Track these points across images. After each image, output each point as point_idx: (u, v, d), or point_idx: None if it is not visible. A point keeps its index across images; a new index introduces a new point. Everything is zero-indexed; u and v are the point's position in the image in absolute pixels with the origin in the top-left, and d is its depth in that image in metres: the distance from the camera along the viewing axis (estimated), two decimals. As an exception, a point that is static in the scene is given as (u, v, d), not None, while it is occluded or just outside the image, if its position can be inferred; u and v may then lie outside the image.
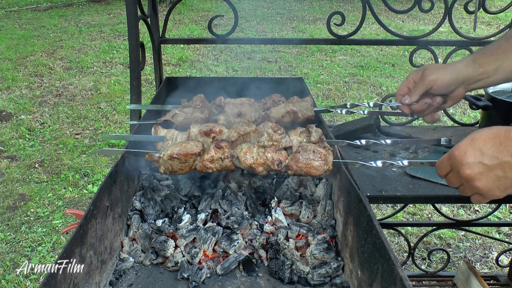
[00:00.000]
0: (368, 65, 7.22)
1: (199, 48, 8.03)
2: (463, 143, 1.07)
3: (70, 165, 4.38)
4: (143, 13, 2.06)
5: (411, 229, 3.40)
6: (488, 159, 1.03)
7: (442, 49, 6.72)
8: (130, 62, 1.96)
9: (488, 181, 1.05)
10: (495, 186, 1.05)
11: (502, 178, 1.03)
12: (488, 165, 1.03)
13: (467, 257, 3.19)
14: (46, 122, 5.36)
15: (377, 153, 2.01)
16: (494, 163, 1.02)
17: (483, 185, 1.06)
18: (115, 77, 6.80)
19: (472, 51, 2.30)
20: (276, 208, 1.49)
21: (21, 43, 8.49)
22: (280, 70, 7.10)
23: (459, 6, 2.22)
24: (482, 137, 1.05)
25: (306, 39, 6.35)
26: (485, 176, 1.04)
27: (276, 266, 1.29)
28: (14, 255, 3.20)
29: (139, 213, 1.47)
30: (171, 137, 1.50)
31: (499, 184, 1.04)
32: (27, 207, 3.74)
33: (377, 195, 1.68)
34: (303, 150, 1.33)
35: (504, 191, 1.06)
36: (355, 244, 1.20)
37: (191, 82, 2.18)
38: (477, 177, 1.05)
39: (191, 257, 1.30)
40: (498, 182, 1.04)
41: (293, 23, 10.03)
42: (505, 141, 1.01)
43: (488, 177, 1.04)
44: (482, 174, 1.04)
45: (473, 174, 1.05)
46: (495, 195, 1.07)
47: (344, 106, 1.67)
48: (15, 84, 6.53)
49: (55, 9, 11.69)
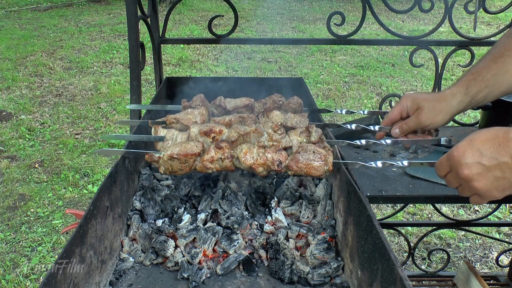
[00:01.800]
0: (368, 65, 7.21)
1: (199, 48, 8.03)
2: (462, 144, 1.08)
3: (70, 165, 4.38)
4: (143, 13, 2.06)
5: (411, 229, 3.40)
6: (487, 160, 1.03)
7: (442, 49, 6.72)
8: (130, 62, 1.96)
9: (487, 181, 1.05)
10: (494, 187, 1.05)
11: (500, 178, 1.03)
12: (487, 166, 1.03)
13: (467, 257, 3.19)
14: (46, 122, 5.36)
15: (377, 153, 2.01)
16: (492, 164, 1.03)
17: (482, 186, 1.06)
18: (115, 77, 6.80)
19: (472, 51, 2.31)
20: (276, 208, 1.49)
21: (21, 43, 8.49)
22: (280, 70, 7.10)
23: (459, 6, 2.22)
24: (481, 137, 1.05)
25: (306, 39, 6.35)
26: (484, 176, 1.05)
27: (276, 266, 1.29)
28: (14, 255, 3.20)
29: (139, 213, 1.47)
30: (171, 137, 1.50)
31: (497, 185, 1.05)
32: (27, 207, 3.74)
33: (377, 195, 1.67)
34: (303, 151, 1.33)
35: (503, 192, 1.06)
36: (355, 244, 1.20)
37: (191, 82, 2.18)
38: (476, 178, 1.05)
39: (191, 257, 1.30)
40: (496, 183, 1.04)
41: (293, 23, 10.02)
42: (504, 142, 1.02)
43: (487, 177, 1.04)
44: (480, 175, 1.05)
45: (471, 174, 1.06)
46: (494, 195, 1.07)
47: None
48: (15, 84, 6.53)
49: (55, 9, 11.68)
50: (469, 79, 1.38)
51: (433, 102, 1.39)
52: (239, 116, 1.57)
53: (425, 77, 6.64)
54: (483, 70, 1.37)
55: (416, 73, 6.78)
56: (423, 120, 1.38)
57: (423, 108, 1.38)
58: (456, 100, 1.37)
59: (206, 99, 1.75)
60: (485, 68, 1.37)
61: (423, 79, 6.60)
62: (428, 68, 6.86)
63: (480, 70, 1.38)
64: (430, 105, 1.38)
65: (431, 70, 6.75)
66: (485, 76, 1.35)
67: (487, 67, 1.37)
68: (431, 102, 1.39)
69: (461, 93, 1.37)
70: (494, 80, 1.34)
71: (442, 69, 2.31)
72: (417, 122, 1.40)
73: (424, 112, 1.38)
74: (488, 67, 1.36)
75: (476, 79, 1.37)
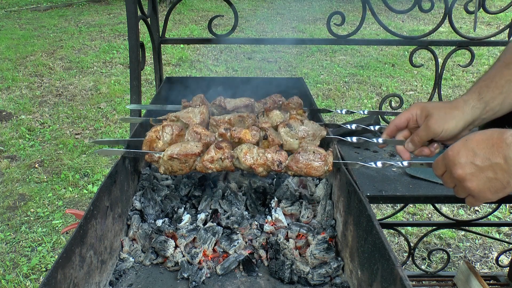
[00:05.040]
0: (368, 65, 7.21)
1: (199, 48, 8.04)
2: (457, 144, 1.08)
3: (70, 165, 4.38)
4: (143, 13, 2.06)
5: (411, 229, 3.40)
6: (480, 160, 1.03)
7: (442, 49, 6.72)
8: (130, 62, 1.96)
9: (479, 182, 1.05)
10: (486, 188, 1.05)
11: (493, 180, 1.03)
12: (480, 166, 1.03)
13: (467, 257, 3.19)
14: (46, 122, 5.36)
15: (377, 153, 2.01)
16: (485, 164, 1.03)
17: (474, 186, 1.06)
18: (115, 77, 6.80)
19: (472, 51, 2.31)
20: (276, 208, 1.49)
21: (21, 43, 8.49)
22: (280, 70, 7.10)
23: (459, 6, 2.22)
24: (476, 138, 1.06)
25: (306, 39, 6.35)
26: (476, 177, 1.05)
27: (276, 266, 1.29)
28: (14, 255, 3.20)
29: (139, 213, 1.47)
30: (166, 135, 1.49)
31: (490, 186, 1.05)
32: (27, 207, 3.74)
33: (377, 195, 1.67)
34: (303, 151, 1.33)
35: (496, 194, 1.05)
36: (355, 244, 1.20)
37: (191, 82, 2.18)
38: (468, 178, 1.05)
39: (191, 257, 1.30)
40: (489, 184, 1.04)
41: (293, 23, 10.02)
42: (497, 143, 1.02)
43: (479, 178, 1.04)
44: (473, 175, 1.05)
45: (464, 174, 1.06)
46: (487, 197, 1.07)
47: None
48: (15, 84, 6.53)
49: (55, 9, 11.69)
50: (481, 85, 1.31)
51: (444, 109, 1.30)
52: (238, 115, 1.57)
53: (425, 77, 6.64)
54: (496, 76, 1.30)
55: (416, 73, 6.78)
56: (433, 127, 1.28)
57: (432, 115, 1.29)
58: (469, 106, 1.28)
59: (206, 99, 1.75)
60: (497, 74, 1.30)
61: (423, 79, 6.60)
62: (428, 68, 6.86)
63: (492, 76, 1.31)
64: (441, 111, 1.29)
65: (431, 70, 6.75)
66: (498, 82, 1.28)
67: (499, 73, 1.30)
68: (442, 109, 1.30)
69: (474, 99, 1.29)
70: (508, 86, 1.27)
71: (442, 69, 2.31)
72: (427, 131, 1.30)
73: (433, 118, 1.28)
74: (501, 73, 1.30)
75: (488, 85, 1.30)
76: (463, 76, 6.70)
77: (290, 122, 1.49)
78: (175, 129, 1.46)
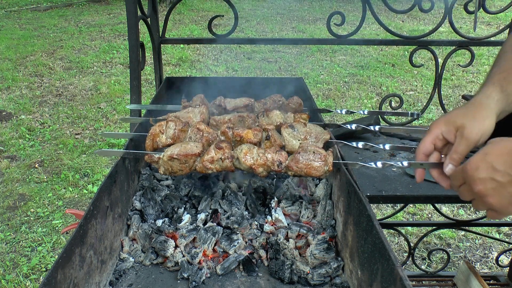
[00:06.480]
0: (368, 65, 7.21)
1: (199, 48, 8.03)
2: (475, 158, 1.03)
3: (70, 165, 4.38)
4: (143, 13, 2.06)
5: (411, 229, 3.40)
6: (500, 176, 0.99)
7: (442, 49, 6.71)
8: (130, 62, 1.97)
9: (501, 197, 1.01)
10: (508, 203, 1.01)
11: None
12: (501, 182, 0.99)
13: (467, 257, 3.19)
14: (46, 122, 5.36)
15: (377, 153, 2.01)
16: (506, 180, 0.99)
17: (496, 202, 1.02)
18: (115, 77, 6.80)
19: (472, 51, 2.31)
20: (276, 208, 1.49)
21: (21, 43, 8.49)
22: (280, 70, 7.10)
23: (459, 6, 2.22)
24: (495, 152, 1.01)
25: (306, 39, 6.35)
26: (498, 192, 1.01)
27: (276, 266, 1.29)
28: (14, 255, 3.20)
29: (139, 213, 1.47)
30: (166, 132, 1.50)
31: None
32: (27, 207, 3.74)
33: (377, 195, 1.68)
34: (303, 151, 1.33)
35: None
36: (355, 244, 1.20)
37: (191, 82, 2.18)
38: (490, 193, 1.01)
39: (191, 257, 1.30)
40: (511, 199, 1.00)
41: (293, 23, 10.02)
42: None
43: (501, 193, 1.00)
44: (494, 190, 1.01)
45: (484, 190, 1.02)
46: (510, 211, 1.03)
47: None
48: (15, 84, 6.53)
49: (55, 9, 11.68)
50: (499, 78, 1.20)
51: (471, 113, 1.16)
52: (238, 115, 1.57)
53: (425, 77, 6.64)
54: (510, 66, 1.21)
55: (416, 73, 6.78)
56: (471, 136, 1.13)
57: (464, 124, 1.14)
58: (494, 100, 1.17)
59: (206, 99, 1.75)
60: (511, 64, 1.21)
61: (423, 79, 6.60)
62: (428, 68, 6.86)
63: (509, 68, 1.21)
64: (469, 117, 1.15)
65: (431, 70, 6.75)
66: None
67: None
68: (469, 114, 1.16)
69: (497, 91, 1.18)
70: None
71: (442, 69, 2.31)
72: (467, 142, 1.14)
73: (467, 128, 1.13)
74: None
75: (506, 78, 1.19)
76: (463, 76, 6.70)
77: (293, 124, 1.50)
78: (179, 124, 1.47)
